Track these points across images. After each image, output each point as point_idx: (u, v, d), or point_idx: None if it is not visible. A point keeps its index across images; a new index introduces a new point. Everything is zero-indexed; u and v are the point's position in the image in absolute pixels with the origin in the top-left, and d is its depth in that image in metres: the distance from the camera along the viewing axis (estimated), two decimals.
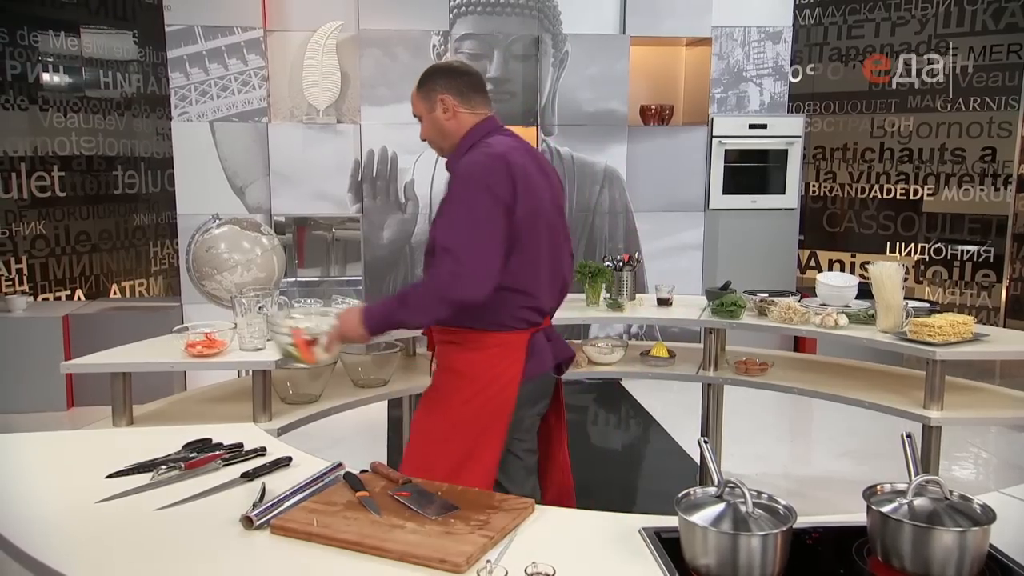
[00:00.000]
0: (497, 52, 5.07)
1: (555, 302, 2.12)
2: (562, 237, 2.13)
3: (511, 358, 1.99)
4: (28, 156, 5.31)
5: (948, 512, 1.28)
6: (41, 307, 4.96)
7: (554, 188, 2.12)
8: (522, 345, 2.01)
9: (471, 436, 2.00)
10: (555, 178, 2.17)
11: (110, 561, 1.32)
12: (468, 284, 1.86)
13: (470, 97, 2.08)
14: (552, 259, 2.05)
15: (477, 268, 1.87)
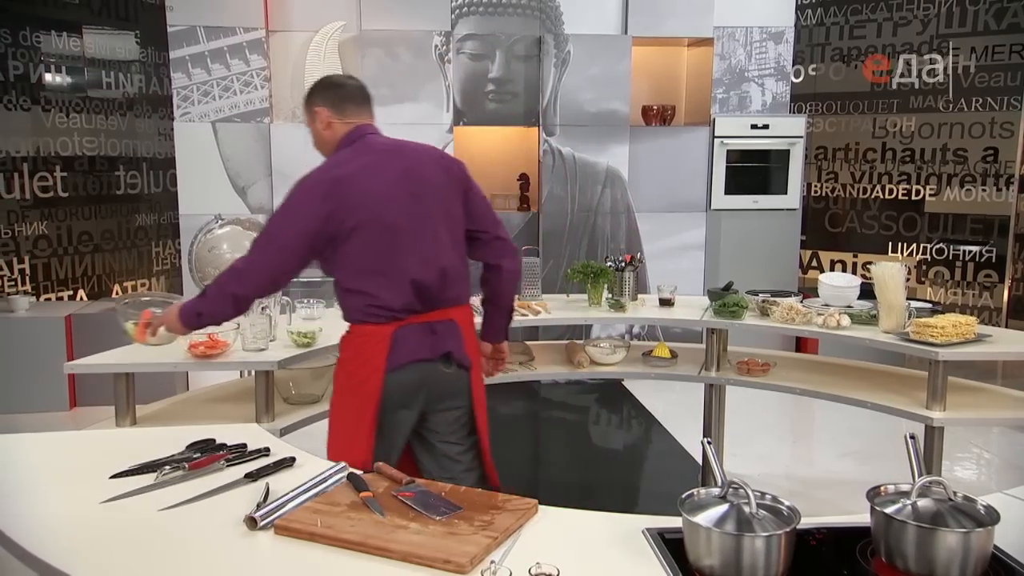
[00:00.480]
0: (499, 52, 5.08)
1: (405, 298, 2.11)
2: (423, 232, 2.14)
3: (375, 348, 2.10)
4: (30, 156, 5.31)
5: (952, 513, 1.28)
6: (44, 307, 4.96)
7: (413, 186, 2.14)
8: (384, 337, 2.10)
9: (350, 419, 2.13)
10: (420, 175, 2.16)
11: (114, 561, 1.33)
12: (246, 282, 2.09)
13: (344, 108, 2.20)
14: (393, 259, 2.10)
15: (257, 270, 2.09)
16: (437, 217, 2.16)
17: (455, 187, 2.21)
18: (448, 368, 2.18)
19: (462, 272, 2.22)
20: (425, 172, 2.18)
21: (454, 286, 2.19)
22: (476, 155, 5.34)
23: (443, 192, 2.19)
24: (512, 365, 3.33)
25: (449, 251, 2.17)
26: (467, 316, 2.25)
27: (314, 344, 2.66)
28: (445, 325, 2.17)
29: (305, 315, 3.00)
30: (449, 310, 2.18)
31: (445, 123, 5.01)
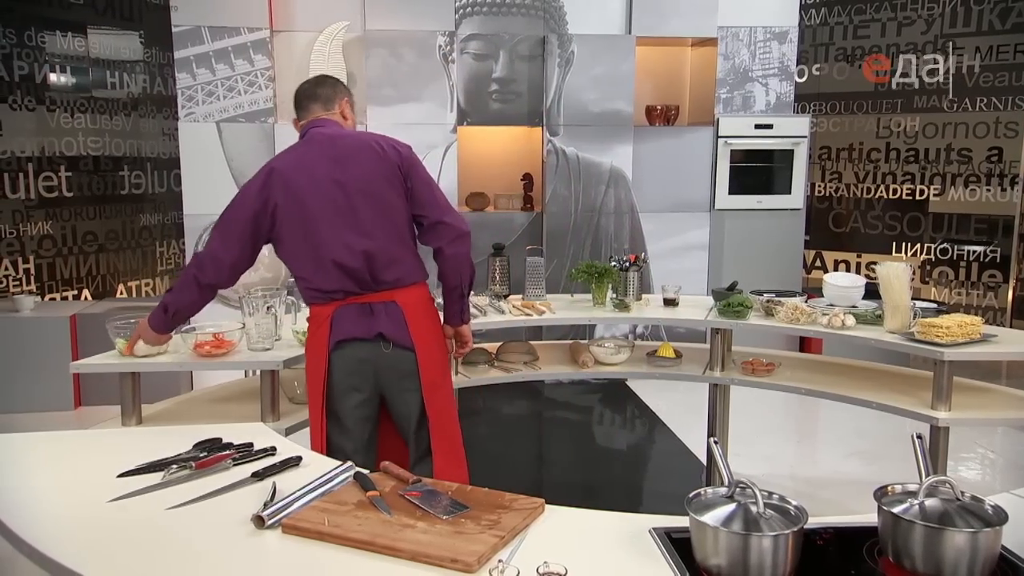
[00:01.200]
0: (503, 52, 5.08)
1: (335, 281, 2.25)
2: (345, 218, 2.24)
3: (319, 328, 2.30)
4: (35, 156, 5.32)
5: (960, 513, 1.28)
6: (48, 307, 4.97)
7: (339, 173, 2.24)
8: (326, 317, 2.28)
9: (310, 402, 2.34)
10: (347, 163, 2.26)
11: (122, 560, 1.33)
12: (203, 266, 2.30)
13: (299, 109, 2.42)
14: (315, 245, 2.24)
15: (211, 254, 2.30)
16: (363, 203, 2.24)
17: (390, 173, 2.27)
18: (387, 348, 2.27)
19: (397, 256, 2.28)
20: (354, 159, 2.26)
21: (388, 269, 2.26)
22: (480, 155, 5.34)
23: (374, 179, 2.26)
24: (516, 365, 3.34)
25: (378, 236, 2.25)
26: (414, 298, 2.31)
27: None
28: (385, 306, 2.27)
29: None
30: (392, 292, 2.28)
31: (449, 123, 5.01)
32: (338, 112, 2.39)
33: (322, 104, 2.38)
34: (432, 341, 2.34)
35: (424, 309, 2.35)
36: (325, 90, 2.40)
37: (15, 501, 1.53)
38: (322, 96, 2.38)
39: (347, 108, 2.42)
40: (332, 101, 2.38)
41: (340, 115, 2.40)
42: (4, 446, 1.82)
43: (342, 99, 2.41)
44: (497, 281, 3.53)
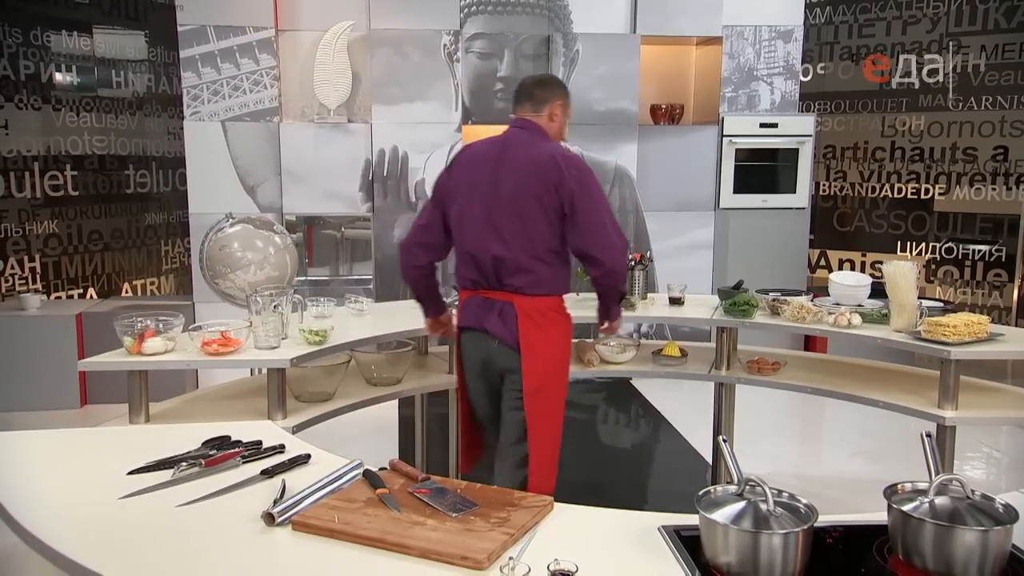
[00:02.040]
0: (507, 51, 5.07)
1: (469, 272, 2.44)
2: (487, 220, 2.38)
3: (459, 309, 2.55)
4: (41, 155, 5.34)
5: (970, 511, 1.28)
6: (54, 305, 4.99)
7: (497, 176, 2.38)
8: (462, 300, 2.52)
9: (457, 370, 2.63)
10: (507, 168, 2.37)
11: (134, 557, 1.33)
12: (425, 243, 2.54)
13: (514, 103, 2.54)
14: (460, 237, 2.45)
15: (414, 232, 2.57)
16: (508, 214, 2.35)
17: (544, 191, 2.32)
18: (493, 343, 2.41)
19: (527, 267, 2.36)
20: (517, 171, 2.36)
21: (515, 276, 2.37)
22: None
23: (526, 195, 2.34)
24: None
25: (513, 245, 2.35)
26: (535, 306, 2.39)
27: (326, 342, 2.67)
28: (503, 305, 2.40)
29: (316, 313, 3.01)
30: (512, 295, 2.39)
31: (454, 122, 5.02)
32: (546, 114, 2.46)
33: (532, 104, 2.46)
34: (543, 349, 2.39)
35: (544, 319, 2.40)
36: (540, 91, 2.47)
37: (27, 498, 1.54)
38: (535, 97, 2.46)
39: (558, 111, 2.47)
40: (543, 103, 2.45)
41: (548, 117, 2.46)
42: (14, 443, 1.83)
43: (555, 102, 2.46)
44: None
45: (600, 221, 2.35)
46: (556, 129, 2.48)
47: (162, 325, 2.55)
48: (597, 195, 2.38)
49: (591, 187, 2.36)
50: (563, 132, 2.53)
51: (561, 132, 2.51)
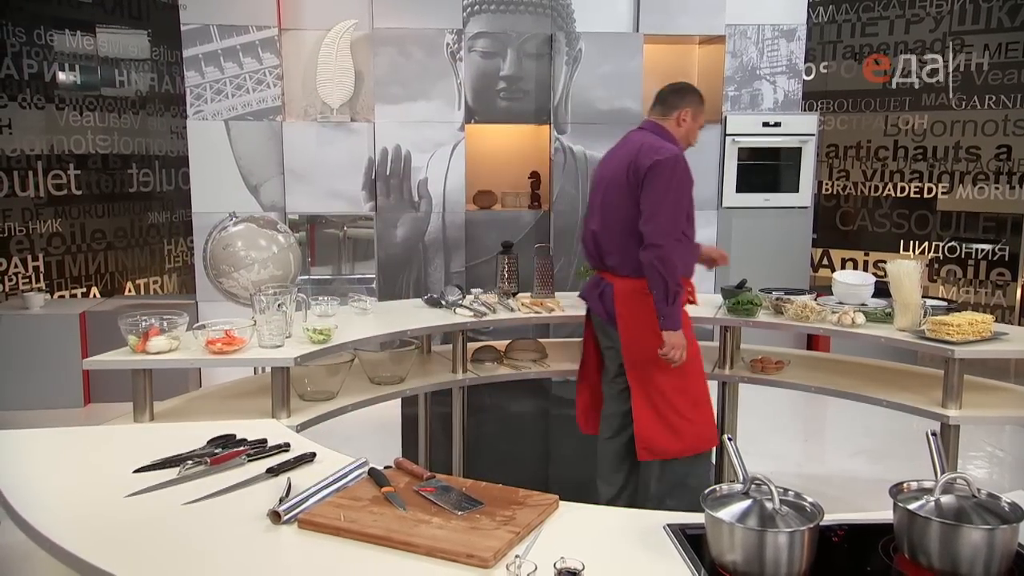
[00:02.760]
0: (510, 50, 5.07)
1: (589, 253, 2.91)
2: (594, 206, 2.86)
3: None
4: (44, 154, 5.35)
5: (976, 510, 1.28)
6: (58, 304, 5.00)
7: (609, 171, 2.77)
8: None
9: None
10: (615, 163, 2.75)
11: (141, 554, 1.34)
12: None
13: (651, 105, 2.87)
14: (586, 221, 2.85)
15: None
16: (604, 197, 2.76)
17: (626, 177, 2.67)
18: (598, 319, 2.85)
19: (616, 246, 2.73)
20: (617, 160, 2.73)
21: (609, 255, 2.76)
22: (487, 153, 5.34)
23: (617, 180, 2.71)
24: (525, 363, 3.34)
25: (607, 225, 2.74)
26: (628, 287, 2.72)
27: (330, 341, 2.67)
28: (606, 285, 2.79)
29: (320, 312, 3.01)
30: (611, 276, 2.77)
31: (457, 121, 5.02)
32: (674, 119, 2.73)
33: (662, 108, 2.76)
34: (637, 327, 2.72)
35: (636, 299, 2.71)
36: (672, 97, 2.75)
37: (33, 496, 1.54)
38: (666, 102, 2.75)
39: (687, 116, 2.73)
40: (672, 108, 2.73)
41: (676, 121, 2.73)
42: (20, 442, 1.84)
43: (685, 109, 2.72)
44: (506, 279, 3.54)
45: (656, 208, 2.61)
46: (682, 133, 2.74)
47: (166, 324, 2.55)
48: (665, 187, 2.61)
49: (662, 177, 2.61)
50: (690, 137, 2.78)
51: (688, 137, 2.77)
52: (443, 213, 5.04)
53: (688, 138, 2.77)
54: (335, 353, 2.73)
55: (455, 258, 5.08)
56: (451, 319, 3.14)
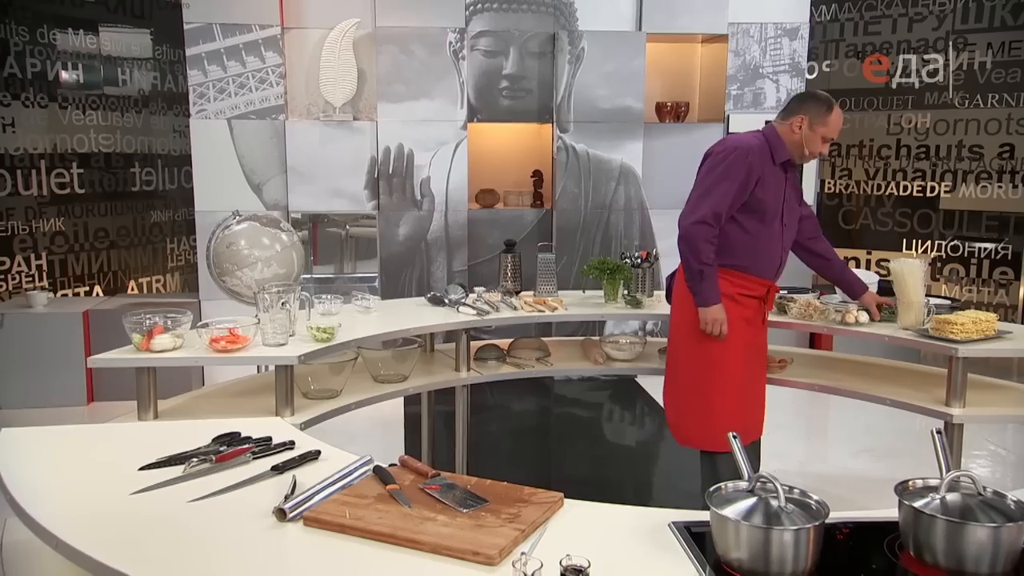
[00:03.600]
0: (513, 49, 5.07)
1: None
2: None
3: None
4: (47, 153, 5.36)
5: (981, 508, 1.28)
6: (61, 303, 5.00)
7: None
8: None
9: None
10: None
11: (148, 551, 1.34)
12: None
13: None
14: None
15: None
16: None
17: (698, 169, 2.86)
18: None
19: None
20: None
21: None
22: (490, 152, 5.34)
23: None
24: (529, 361, 3.34)
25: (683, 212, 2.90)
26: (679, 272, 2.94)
27: (333, 339, 2.67)
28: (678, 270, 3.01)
29: (323, 311, 3.02)
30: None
31: (459, 120, 5.02)
32: (789, 125, 2.76)
33: (783, 113, 2.83)
34: (680, 309, 2.89)
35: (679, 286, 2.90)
36: (793, 102, 2.81)
37: (39, 493, 1.54)
38: (788, 106, 2.82)
39: (802, 123, 2.73)
40: (791, 114, 2.77)
41: (790, 128, 2.75)
42: (25, 439, 1.84)
43: (802, 116, 2.73)
44: (509, 278, 3.54)
45: (693, 191, 2.79)
46: (796, 140, 2.75)
47: (170, 322, 2.56)
48: (707, 172, 2.75)
49: (708, 164, 2.75)
50: (808, 146, 2.75)
51: (801, 146, 2.75)
52: (445, 212, 5.04)
53: (804, 147, 2.75)
54: (338, 351, 2.74)
55: (457, 257, 5.09)
56: (454, 318, 3.14)
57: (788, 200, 2.85)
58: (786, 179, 2.83)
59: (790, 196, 2.86)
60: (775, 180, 2.78)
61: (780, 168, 2.79)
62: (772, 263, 2.87)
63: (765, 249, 2.83)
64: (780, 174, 2.80)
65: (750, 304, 2.85)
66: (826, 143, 2.77)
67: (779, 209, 2.81)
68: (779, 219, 2.81)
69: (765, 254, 2.83)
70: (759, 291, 2.85)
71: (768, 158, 2.76)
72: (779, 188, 2.80)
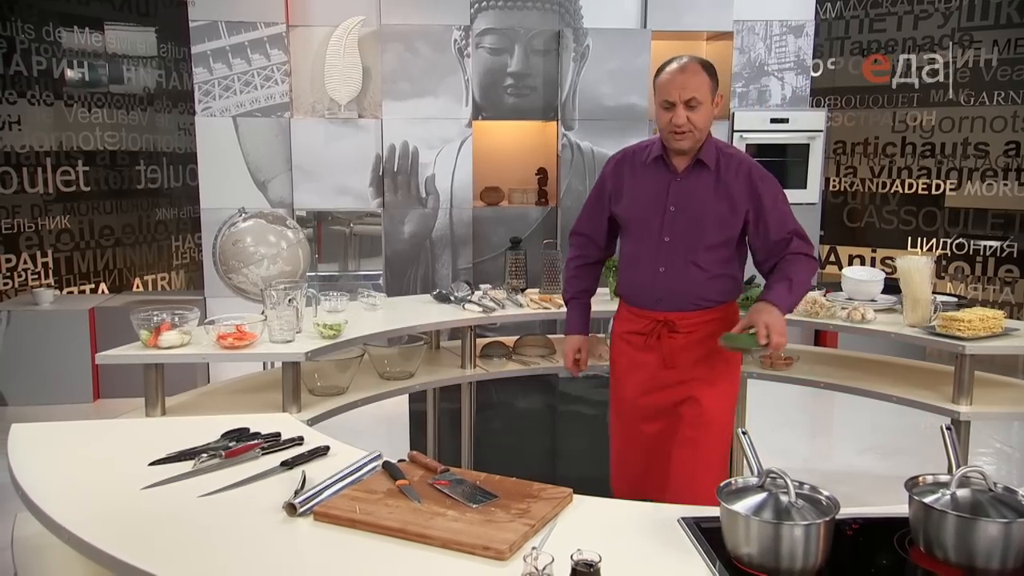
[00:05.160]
0: (518, 47, 5.07)
1: None
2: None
3: None
4: (53, 151, 5.37)
5: (992, 503, 1.28)
6: (67, 300, 5.02)
7: None
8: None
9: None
10: None
11: (159, 545, 1.35)
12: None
13: None
14: None
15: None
16: None
17: None
18: None
19: None
20: None
21: None
22: (494, 149, 5.34)
23: None
24: (533, 358, 3.35)
25: None
26: None
27: (340, 336, 2.68)
28: None
29: (329, 308, 3.02)
30: None
31: (464, 118, 5.02)
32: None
33: None
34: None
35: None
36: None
37: (50, 488, 1.55)
38: None
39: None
40: None
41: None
42: (36, 435, 1.85)
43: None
44: (514, 275, 3.54)
45: None
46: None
47: (178, 319, 2.56)
48: None
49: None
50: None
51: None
52: (450, 209, 5.04)
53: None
54: (345, 348, 2.74)
55: (462, 254, 5.09)
56: (460, 315, 3.14)
57: (687, 210, 2.24)
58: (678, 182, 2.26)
59: (694, 205, 2.24)
60: (649, 185, 2.29)
61: (661, 168, 2.28)
62: (644, 288, 2.32)
63: (639, 271, 2.33)
64: (660, 176, 2.28)
65: (636, 342, 2.35)
66: (667, 111, 2.18)
67: (655, 221, 2.26)
68: (658, 234, 2.26)
69: (638, 277, 2.33)
70: (640, 325, 2.34)
71: (639, 159, 2.32)
72: (657, 195, 2.27)
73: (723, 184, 2.25)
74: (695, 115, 2.18)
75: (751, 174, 2.28)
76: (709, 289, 2.28)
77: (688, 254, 2.25)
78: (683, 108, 2.16)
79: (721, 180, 2.25)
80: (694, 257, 2.25)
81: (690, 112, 2.17)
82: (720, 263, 2.27)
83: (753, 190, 2.26)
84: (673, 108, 2.16)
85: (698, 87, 2.18)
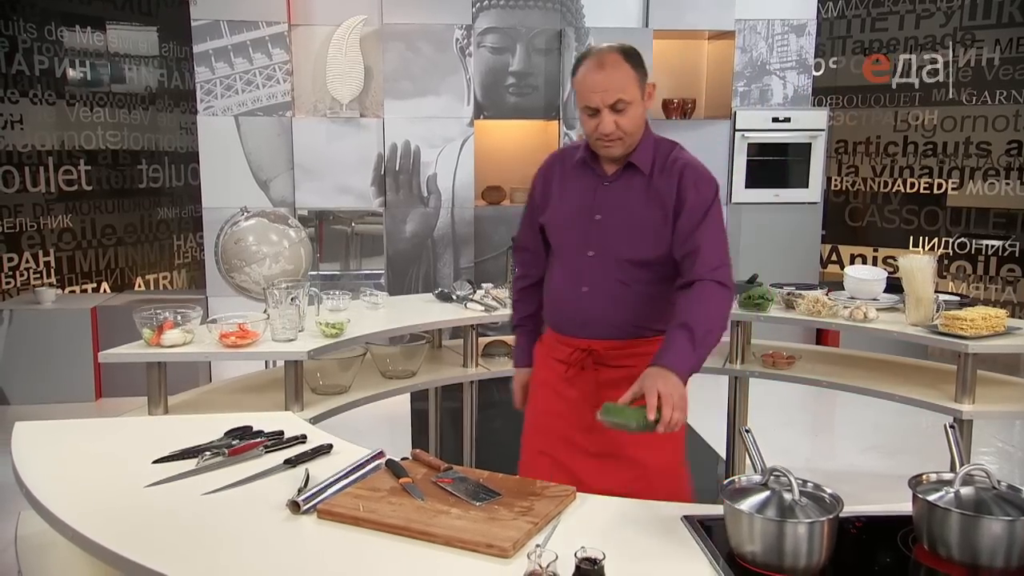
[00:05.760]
0: (519, 46, 5.07)
1: None
2: None
3: None
4: (55, 150, 5.37)
5: (996, 501, 1.28)
6: (69, 299, 5.02)
7: None
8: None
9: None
10: None
11: (163, 543, 1.35)
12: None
13: None
14: None
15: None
16: None
17: None
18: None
19: None
20: None
21: None
22: (496, 149, 5.34)
23: None
24: None
25: None
26: None
27: (342, 335, 2.68)
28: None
29: (331, 306, 3.02)
30: None
31: (466, 117, 5.02)
32: None
33: None
34: None
35: None
36: None
37: (54, 486, 1.55)
38: None
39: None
40: None
41: None
42: (39, 433, 1.85)
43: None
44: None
45: None
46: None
47: (180, 317, 2.57)
48: None
49: None
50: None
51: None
52: (452, 209, 5.05)
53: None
54: (347, 347, 2.74)
55: (464, 253, 5.09)
56: (462, 314, 3.15)
57: (615, 219, 1.89)
58: (606, 187, 1.91)
59: (622, 214, 1.88)
60: (575, 191, 1.95)
61: (588, 172, 1.94)
62: (567, 311, 1.97)
63: (562, 291, 1.98)
64: (587, 182, 1.93)
65: (556, 369, 2.00)
66: (592, 117, 1.82)
67: (579, 233, 1.92)
68: (583, 247, 1.91)
69: (561, 298, 1.99)
70: (561, 353, 1.98)
71: (569, 162, 1.98)
72: (582, 202, 1.93)
73: (654, 189, 1.87)
74: (624, 119, 1.81)
75: (683, 174, 1.85)
76: (642, 315, 1.90)
77: (616, 271, 1.89)
78: (609, 113, 1.79)
79: (653, 185, 1.87)
80: (622, 275, 1.88)
81: (618, 116, 1.80)
82: (656, 283, 1.88)
83: (679, 190, 1.84)
84: (598, 115, 1.80)
85: (623, 86, 1.79)
